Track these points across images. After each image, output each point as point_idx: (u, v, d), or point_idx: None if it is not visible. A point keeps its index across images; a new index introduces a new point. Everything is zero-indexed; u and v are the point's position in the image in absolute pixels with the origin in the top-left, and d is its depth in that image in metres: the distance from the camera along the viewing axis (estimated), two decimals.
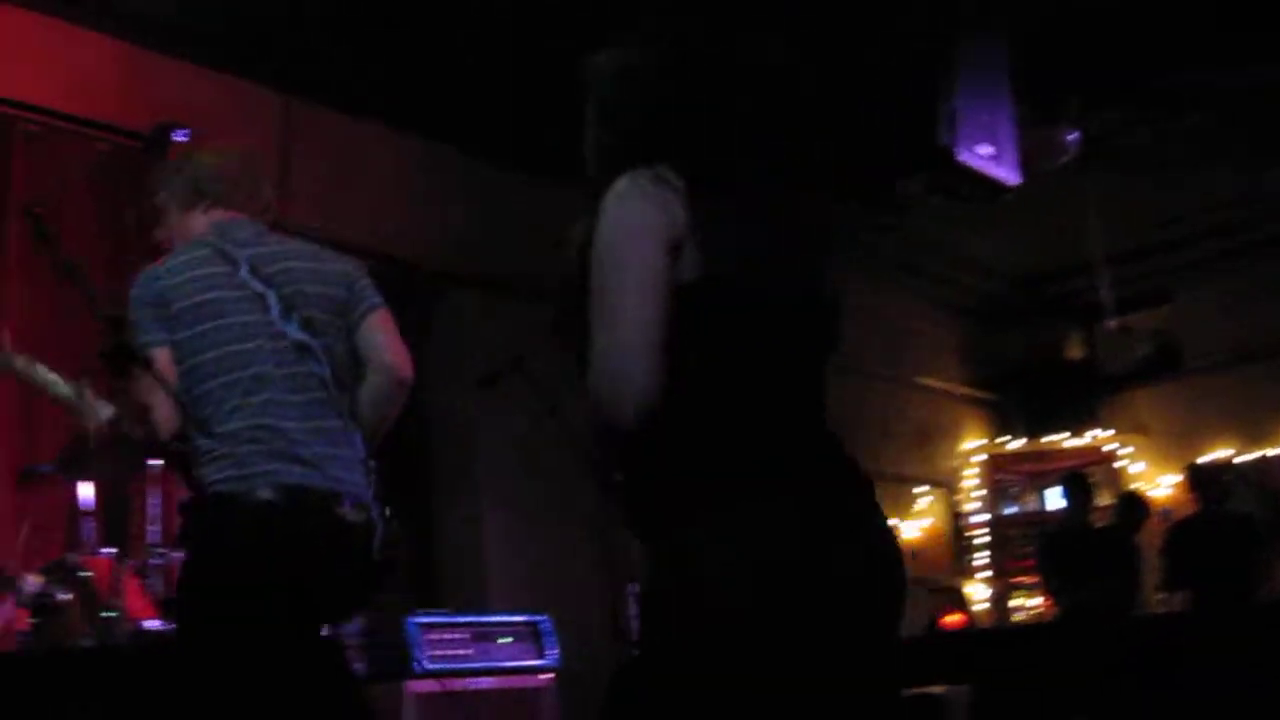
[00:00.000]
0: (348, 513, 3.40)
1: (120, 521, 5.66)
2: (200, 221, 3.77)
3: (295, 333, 3.54)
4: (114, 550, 4.77)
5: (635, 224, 2.27)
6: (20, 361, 3.83)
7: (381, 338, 3.72)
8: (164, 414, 3.43)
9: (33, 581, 4.39)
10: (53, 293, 4.35)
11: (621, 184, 2.31)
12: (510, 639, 6.03)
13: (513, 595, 7.48)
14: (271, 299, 3.54)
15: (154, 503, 5.55)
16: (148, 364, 3.37)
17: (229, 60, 7.24)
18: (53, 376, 3.89)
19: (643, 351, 2.22)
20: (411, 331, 3.99)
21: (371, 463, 3.54)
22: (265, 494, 3.30)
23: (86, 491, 5.21)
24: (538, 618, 6.20)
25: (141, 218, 3.99)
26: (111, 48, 6.90)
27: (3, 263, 6.13)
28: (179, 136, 6.78)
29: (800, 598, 2.21)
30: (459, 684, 5.58)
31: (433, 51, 7.25)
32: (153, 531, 5.51)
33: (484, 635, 5.97)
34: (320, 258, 3.82)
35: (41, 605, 4.29)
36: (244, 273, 3.55)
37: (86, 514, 5.24)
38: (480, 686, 5.75)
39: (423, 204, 8.03)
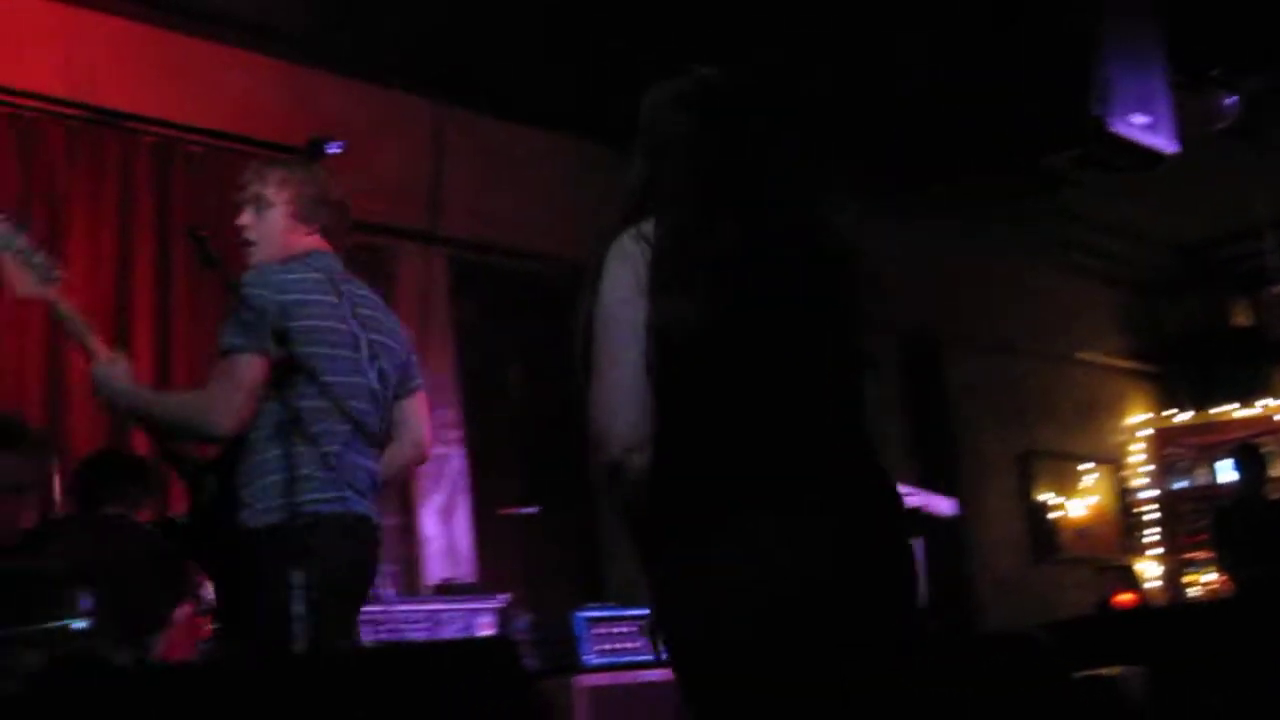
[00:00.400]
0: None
1: None
2: (304, 242, 3.87)
3: (373, 380, 3.75)
4: None
5: (616, 285, 2.47)
6: (63, 306, 3.85)
7: (423, 415, 4.00)
8: (238, 419, 3.55)
9: (211, 590, 4.50)
10: (218, 310, 4.49)
11: (615, 245, 2.53)
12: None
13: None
14: (363, 342, 3.73)
15: None
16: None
17: (381, 73, 7.41)
18: (79, 325, 3.87)
19: (625, 398, 2.42)
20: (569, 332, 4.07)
21: None
22: (346, 517, 3.59)
23: None
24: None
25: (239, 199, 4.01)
26: (268, 67, 7.12)
27: (168, 282, 6.36)
28: (333, 149, 6.97)
29: (766, 620, 2.34)
30: (628, 677, 5.65)
31: (583, 50, 7.30)
32: None
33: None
34: (390, 315, 3.98)
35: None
36: (347, 310, 3.69)
37: None
38: (649, 679, 5.80)
39: (575, 203, 8.11)
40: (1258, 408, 11.69)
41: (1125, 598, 10.01)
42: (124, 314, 6.22)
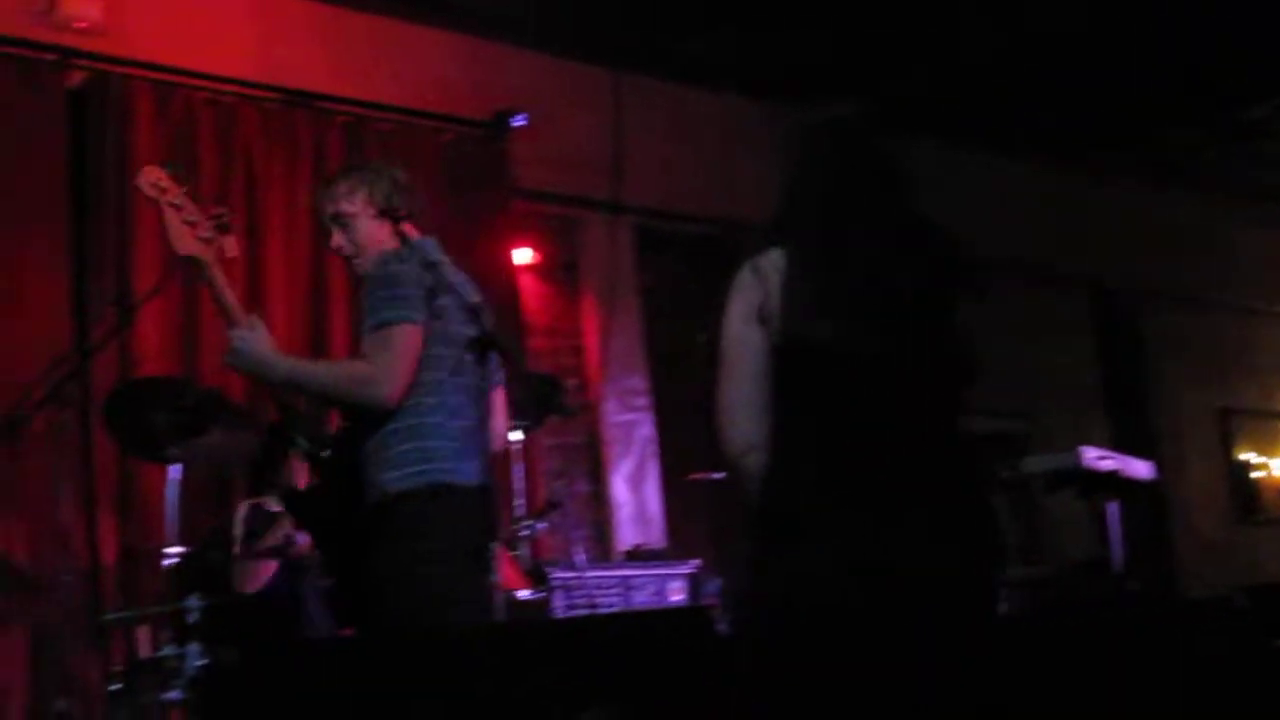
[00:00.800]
0: None
1: None
2: (387, 232, 3.89)
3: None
4: None
5: (735, 312, 2.86)
6: (214, 271, 3.92)
7: (501, 408, 3.99)
8: (399, 387, 3.60)
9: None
10: None
11: (738, 275, 2.90)
12: None
13: None
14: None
15: (518, 476, 5.84)
16: (501, 349, 3.55)
17: (563, 45, 7.47)
18: (227, 293, 3.85)
19: (742, 408, 2.83)
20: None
21: None
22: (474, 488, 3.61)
23: None
24: None
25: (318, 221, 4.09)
26: (454, 43, 7.24)
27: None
28: (517, 121, 7.09)
29: (840, 610, 2.64)
30: None
31: (761, 10, 7.26)
32: (519, 505, 5.82)
33: None
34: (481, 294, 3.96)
35: None
36: (453, 284, 3.73)
37: None
38: None
39: (758, 166, 8.07)
40: None
41: None
42: (319, 292, 6.40)
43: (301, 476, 4.97)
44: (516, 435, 5.23)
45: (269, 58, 6.58)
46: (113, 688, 4.82)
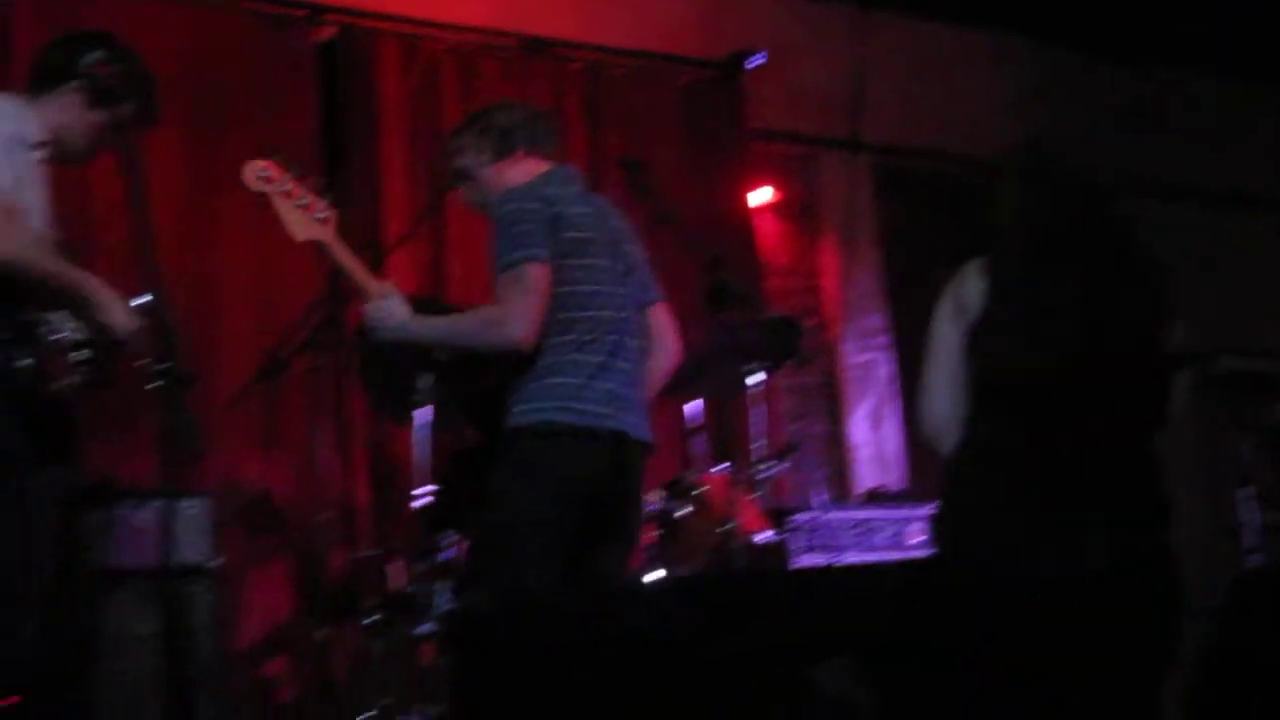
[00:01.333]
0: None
1: (727, 437, 5.99)
2: (517, 171, 3.88)
3: (630, 290, 3.79)
4: (726, 465, 5.06)
5: (942, 310, 3.23)
6: (334, 245, 3.95)
7: (670, 321, 3.97)
8: (531, 326, 3.60)
9: (653, 498, 4.68)
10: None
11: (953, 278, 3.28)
12: None
13: None
14: (620, 252, 3.77)
15: (757, 417, 5.84)
16: (733, 299, 3.54)
17: None
18: (353, 263, 3.92)
19: (940, 395, 3.17)
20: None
21: None
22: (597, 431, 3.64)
23: (695, 409, 5.55)
24: None
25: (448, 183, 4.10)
26: None
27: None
28: (754, 61, 7.05)
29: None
30: None
31: None
32: (757, 446, 5.81)
33: None
34: (625, 220, 3.93)
35: (663, 521, 4.61)
36: (602, 220, 3.69)
37: (696, 431, 5.58)
38: None
39: (998, 102, 7.89)
40: None
41: None
42: None
43: None
44: (756, 377, 5.22)
45: (508, 5, 6.68)
46: (368, 620, 5.03)
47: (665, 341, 3.97)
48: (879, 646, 2.55)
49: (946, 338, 3.17)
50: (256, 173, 3.83)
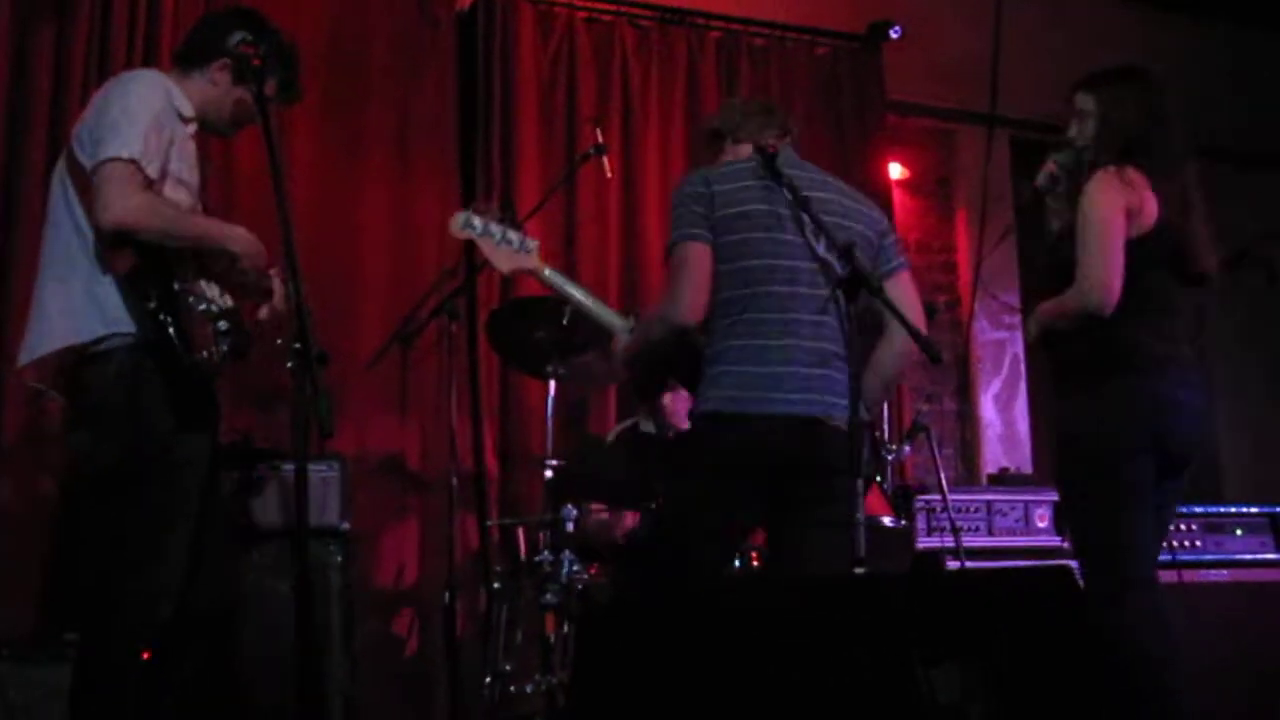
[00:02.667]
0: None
1: None
2: (742, 150, 3.82)
3: (825, 254, 3.57)
4: None
5: (1114, 201, 3.85)
6: (548, 272, 4.00)
7: (906, 297, 3.70)
8: (693, 301, 3.55)
9: None
10: None
11: (1100, 175, 3.90)
12: (1243, 531, 5.81)
13: (1246, 486, 7.19)
14: (806, 227, 3.57)
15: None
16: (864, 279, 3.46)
17: None
18: (573, 289, 3.97)
19: (1114, 277, 3.82)
20: None
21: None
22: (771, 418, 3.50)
23: None
24: (1276, 509, 5.92)
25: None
26: None
27: None
28: (894, 33, 6.98)
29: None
30: (1189, 576, 5.47)
31: None
32: (883, 428, 5.81)
33: (1216, 527, 5.79)
34: (854, 197, 3.80)
35: None
36: (781, 194, 3.57)
37: None
38: (1211, 579, 5.61)
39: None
40: None
41: None
42: None
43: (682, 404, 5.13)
44: None
45: None
46: (494, 586, 5.13)
47: (904, 313, 3.56)
48: (998, 653, 2.54)
49: (1120, 228, 3.81)
50: (459, 223, 3.96)
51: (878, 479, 4.91)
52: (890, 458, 5.16)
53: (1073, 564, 5.19)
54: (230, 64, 3.83)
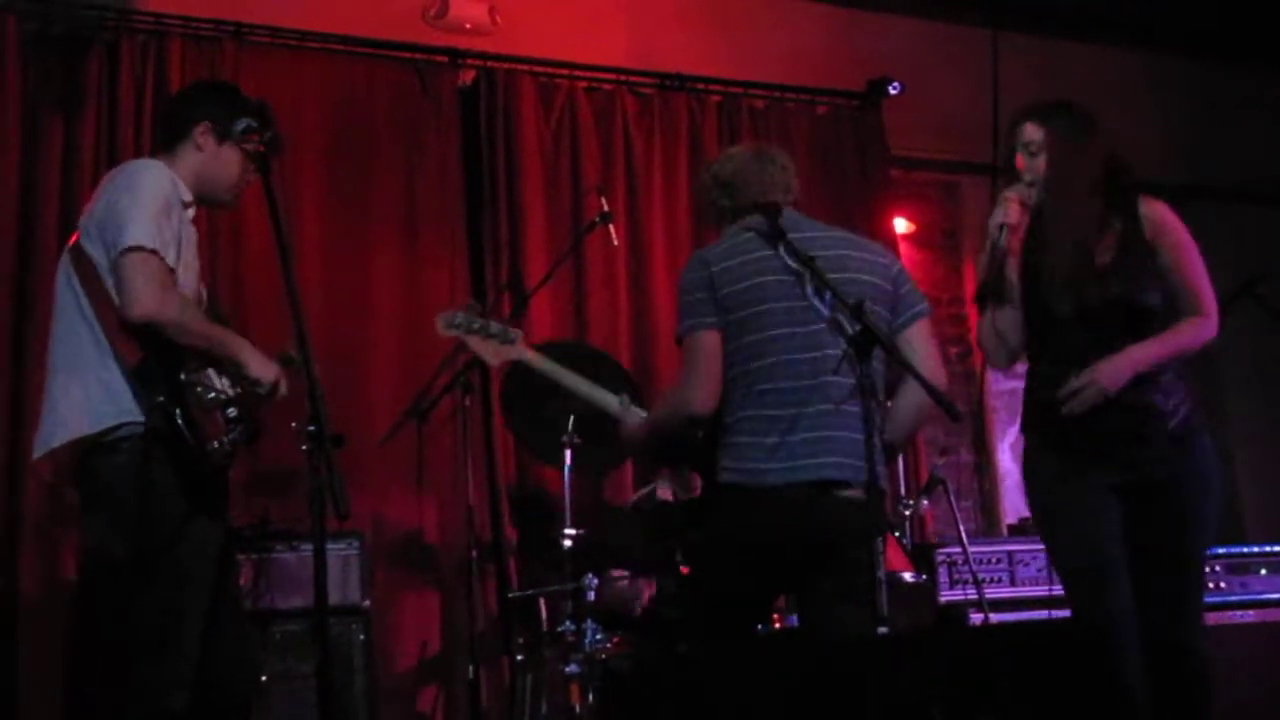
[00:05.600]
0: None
1: None
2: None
3: (835, 313, 3.53)
4: None
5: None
6: (533, 356, 4.02)
7: (924, 346, 3.67)
8: (706, 394, 3.56)
9: None
10: None
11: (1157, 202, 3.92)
12: (1267, 570, 5.78)
13: (1269, 525, 7.15)
14: (807, 288, 3.54)
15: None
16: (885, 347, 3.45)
17: (935, 7, 7.36)
18: (562, 372, 3.97)
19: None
20: None
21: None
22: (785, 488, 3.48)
23: None
24: None
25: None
26: (824, 13, 7.25)
27: None
28: (893, 89, 7.02)
29: None
30: (1214, 618, 5.43)
31: None
32: (900, 483, 5.81)
33: (1240, 567, 5.76)
34: (865, 247, 3.78)
35: None
36: (781, 261, 3.53)
37: None
38: (1238, 620, 5.57)
39: (1139, 116, 7.78)
40: None
41: None
42: None
43: None
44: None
45: (643, 44, 6.76)
46: (517, 658, 5.11)
47: (914, 368, 3.57)
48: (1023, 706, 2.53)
49: None
50: (443, 324, 4.01)
51: (896, 534, 4.89)
52: (908, 512, 5.15)
53: None
54: (211, 127, 3.86)
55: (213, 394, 3.66)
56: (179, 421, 3.49)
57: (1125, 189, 3.91)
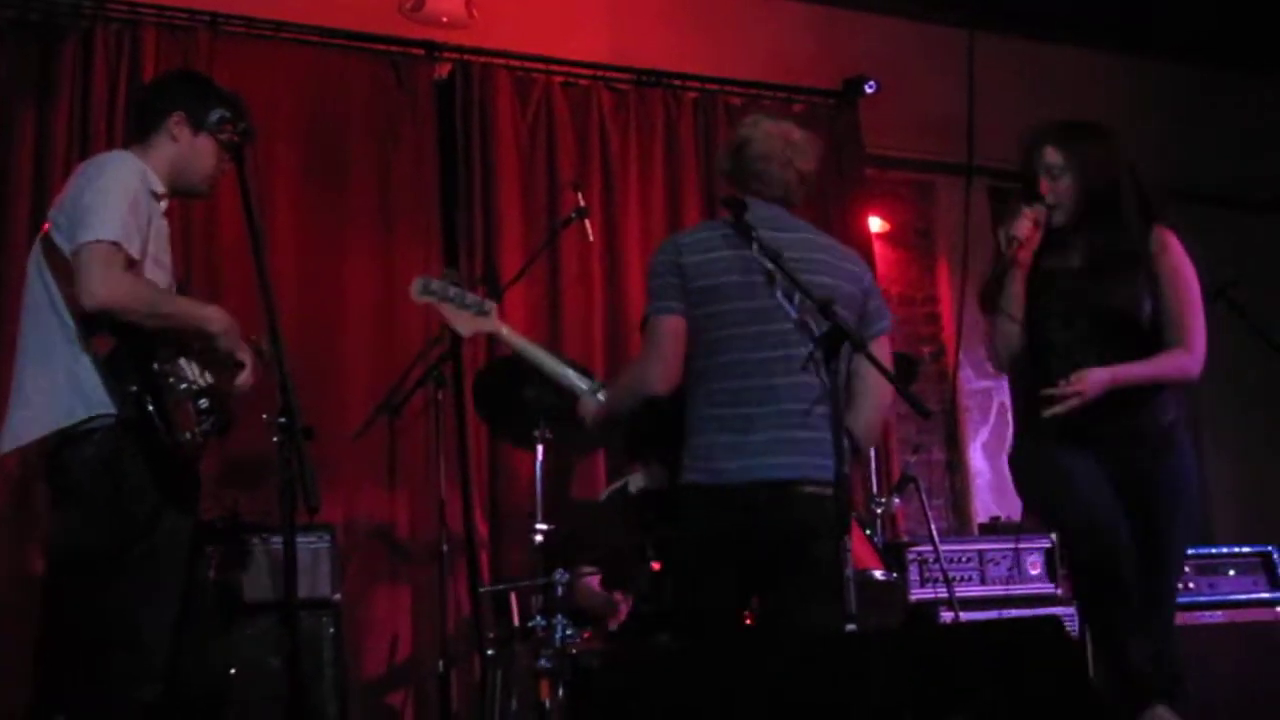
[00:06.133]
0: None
1: None
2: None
3: (803, 313, 3.51)
4: None
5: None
6: (506, 331, 4.00)
7: (885, 364, 3.62)
8: (661, 374, 3.55)
9: None
10: None
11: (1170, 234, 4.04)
12: (1236, 571, 5.82)
13: (1238, 527, 7.19)
14: (778, 290, 3.52)
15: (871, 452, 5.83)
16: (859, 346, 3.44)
17: (912, 6, 7.38)
18: (534, 349, 3.98)
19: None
20: None
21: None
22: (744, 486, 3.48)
23: None
24: (1268, 548, 5.93)
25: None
26: (801, 12, 7.25)
27: None
28: (869, 89, 7.03)
29: None
30: (1184, 618, 5.46)
31: None
32: (871, 480, 5.81)
33: (1210, 568, 5.79)
34: (841, 255, 3.77)
35: None
36: (755, 260, 3.51)
37: None
38: (1206, 620, 5.60)
39: (1115, 119, 7.77)
40: None
41: None
42: None
43: None
44: None
45: (620, 39, 6.75)
46: (488, 653, 5.10)
47: (870, 381, 3.63)
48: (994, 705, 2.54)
49: None
50: (417, 289, 3.95)
51: (867, 532, 4.90)
52: (880, 510, 5.16)
53: (1066, 611, 5.23)
54: (185, 117, 3.85)
55: (185, 384, 3.64)
56: (151, 411, 3.48)
57: (1143, 209, 3.99)
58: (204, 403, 3.68)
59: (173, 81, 4.10)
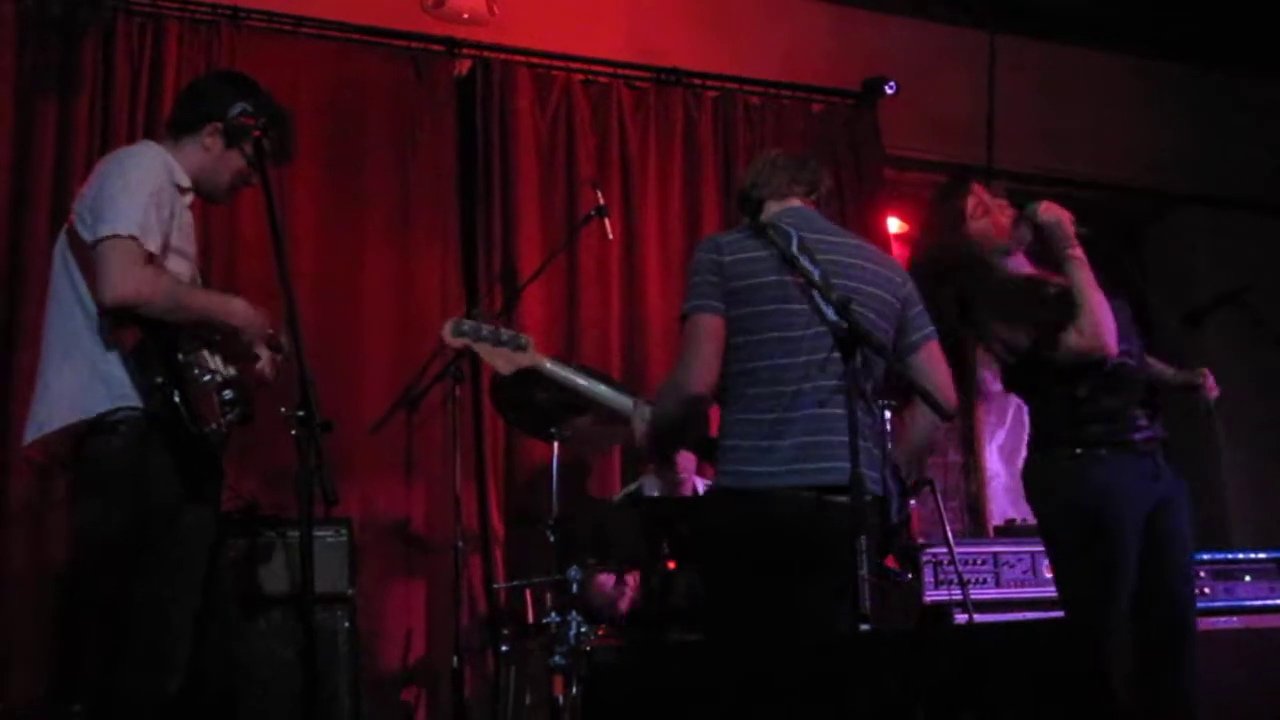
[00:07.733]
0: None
1: None
2: (775, 207, 3.75)
3: (834, 317, 3.40)
4: None
5: None
6: (549, 364, 3.94)
7: (936, 367, 3.64)
8: (700, 373, 3.49)
9: None
10: None
11: None
12: (1252, 577, 5.80)
13: (1255, 532, 7.17)
14: (814, 293, 3.46)
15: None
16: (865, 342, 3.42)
17: (933, 7, 7.37)
18: (577, 377, 3.83)
19: None
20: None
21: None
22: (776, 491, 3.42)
23: None
24: None
25: None
26: (821, 12, 7.25)
27: None
28: (889, 89, 7.03)
29: None
30: (1200, 624, 5.44)
31: None
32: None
33: (1226, 574, 5.78)
34: (881, 260, 3.73)
35: None
36: (794, 250, 3.46)
37: None
38: (1223, 626, 5.58)
39: (1136, 122, 7.79)
40: None
41: None
42: None
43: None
44: (885, 415, 5.22)
45: (640, 38, 6.76)
46: (502, 649, 5.11)
47: (930, 387, 3.56)
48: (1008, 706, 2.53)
49: None
50: (451, 331, 3.88)
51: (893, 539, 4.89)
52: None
53: None
54: (222, 128, 3.85)
55: (209, 376, 3.66)
56: (177, 403, 3.49)
57: None
58: (228, 394, 3.69)
59: (220, 85, 4.01)
